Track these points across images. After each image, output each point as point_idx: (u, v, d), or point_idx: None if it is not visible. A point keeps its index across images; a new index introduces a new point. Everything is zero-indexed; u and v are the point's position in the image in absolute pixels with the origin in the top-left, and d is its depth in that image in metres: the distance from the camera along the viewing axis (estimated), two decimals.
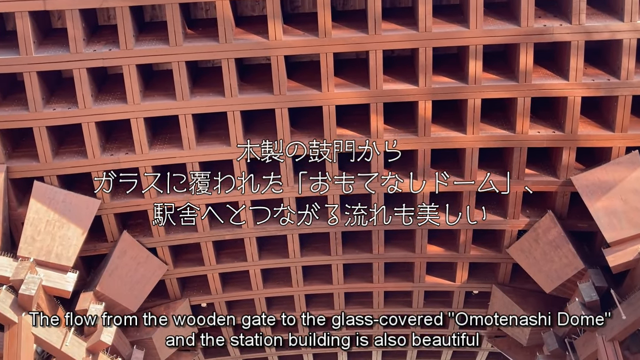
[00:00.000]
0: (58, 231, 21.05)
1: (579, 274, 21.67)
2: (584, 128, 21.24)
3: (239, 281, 25.47)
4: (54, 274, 20.73)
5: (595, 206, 20.93)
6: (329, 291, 25.94)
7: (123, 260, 22.70)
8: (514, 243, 23.17)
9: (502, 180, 22.09)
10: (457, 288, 25.33)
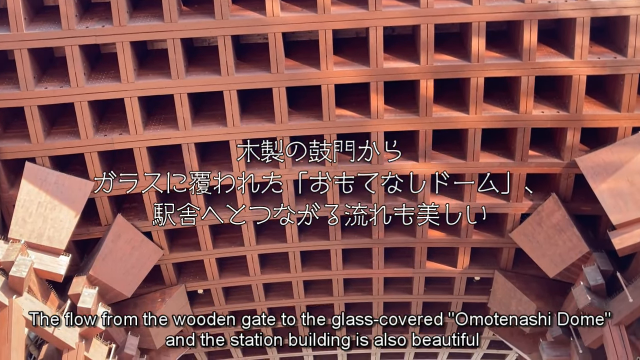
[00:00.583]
0: (50, 213, 20.54)
1: (583, 258, 21.19)
2: (589, 108, 20.73)
3: (236, 267, 24.97)
4: (46, 257, 20.23)
5: (600, 188, 20.43)
6: (328, 277, 25.43)
7: (117, 244, 22.19)
8: (517, 227, 22.67)
9: (505, 162, 21.65)
10: (459, 274, 24.84)
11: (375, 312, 27.18)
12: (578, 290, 20.58)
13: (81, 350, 20.41)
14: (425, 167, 21.79)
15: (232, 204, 22.68)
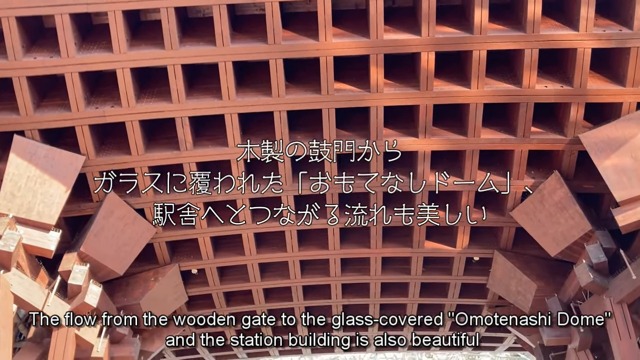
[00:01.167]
0: (40, 188, 19.96)
1: (585, 236, 20.82)
2: (593, 82, 20.27)
3: (231, 246, 24.46)
4: (36, 233, 19.67)
5: (604, 164, 20.03)
6: (325, 257, 24.98)
7: (109, 221, 21.64)
8: (518, 205, 22.25)
9: (507, 138, 21.21)
10: (458, 254, 24.44)
11: (373, 293, 26.80)
12: (580, 268, 20.22)
13: (72, 328, 19.87)
14: (425, 143, 21.31)
15: (228, 181, 22.26)
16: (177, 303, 25.39)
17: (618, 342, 19.10)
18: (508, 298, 24.61)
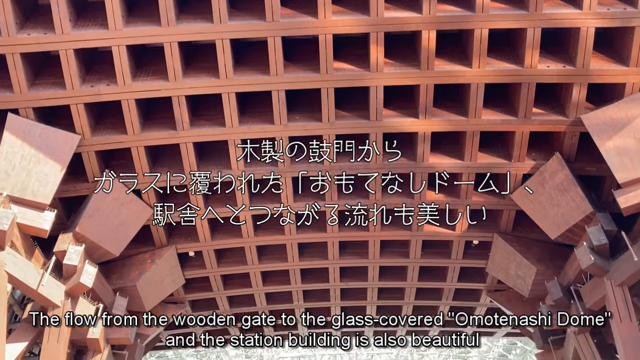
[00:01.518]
0: (34, 167, 19.67)
1: (586, 219, 20.61)
2: (596, 63, 19.99)
3: (228, 229, 24.18)
4: (30, 212, 19.42)
5: (606, 146, 19.80)
6: (323, 240, 24.74)
7: (105, 202, 21.35)
8: (519, 188, 22.01)
9: (508, 119, 20.94)
10: (457, 237, 24.22)
11: (371, 277, 26.62)
12: (581, 251, 20.02)
13: (67, 309, 19.70)
14: (426, 124, 21.03)
15: (225, 162, 22.02)
16: (174, 286, 25.19)
17: (618, 324, 18.95)
18: (507, 282, 24.44)
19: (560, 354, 23.61)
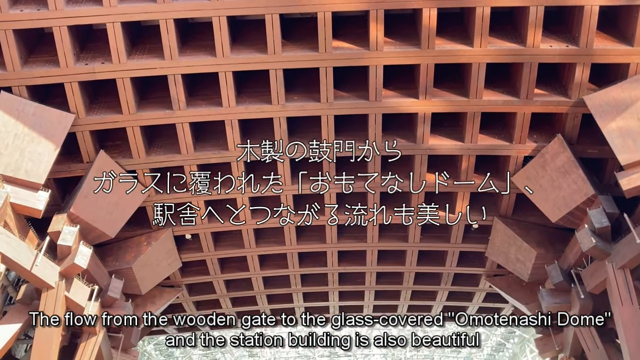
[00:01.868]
0: (28, 146, 19.36)
1: (588, 201, 20.33)
2: (599, 42, 19.60)
3: (225, 212, 23.85)
4: (24, 192, 19.14)
5: (608, 127, 19.47)
6: (321, 223, 24.42)
7: (100, 182, 21.04)
8: (519, 170, 21.72)
9: (509, 100, 20.60)
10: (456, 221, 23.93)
11: (369, 261, 26.38)
12: (582, 233, 19.75)
13: (61, 290, 19.45)
14: (426, 104, 20.70)
15: (222, 144, 21.73)
16: (170, 269, 24.95)
17: (620, 307, 18.73)
18: (507, 266, 24.21)
19: (560, 338, 23.42)
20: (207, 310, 29.17)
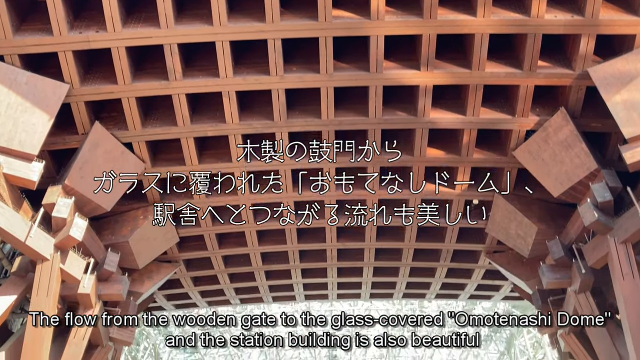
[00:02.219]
0: (21, 116, 18.99)
1: (591, 175, 20.05)
2: (605, 13, 19.15)
3: (224, 185, 23.57)
4: (17, 163, 18.82)
5: (613, 100, 19.13)
6: (321, 199, 24.14)
7: (95, 154, 20.74)
8: (521, 144, 21.41)
9: (512, 72, 20.22)
10: (457, 196, 23.67)
11: (368, 237, 26.16)
12: (584, 207, 19.50)
13: (56, 262, 19.21)
14: (427, 76, 20.30)
15: (220, 116, 21.37)
16: (167, 244, 24.70)
17: (621, 282, 18.54)
18: (507, 242, 24.00)
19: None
20: (205, 286, 29.10)
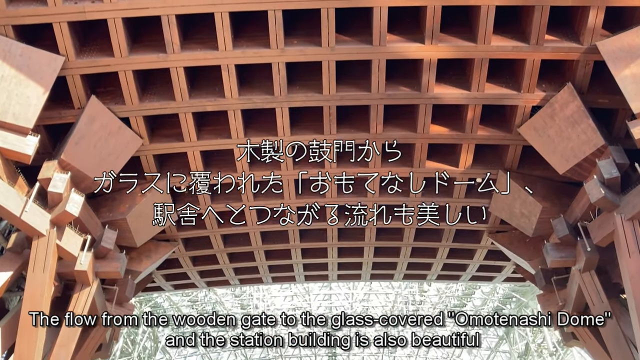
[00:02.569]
0: (15, 88, 18.54)
1: (597, 152, 19.66)
2: None
3: (222, 161, 23.20)
4: (12, 136, 18.42)
5: (622, 74, 18.69)
6: (322, 177, 23.71)
7: (91, 129, 20.32)
8: (527, 121, 20.98)
9: (519, 45, 19.73)
10: (460, 174, 23.27)
11: (369, 216, 25.72)
12: (591, 184, 19.12)
13: (52, 238, 18.87)
14: (432, 50, 19.81)
15: (219, 90, 20.91)
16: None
17: (627, 260, 18.22)
18: (511, 221, 23.65)
19: (563, 294, 23.01)
20: (204, 266, 28.79)
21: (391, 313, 55.60)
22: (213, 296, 53.17)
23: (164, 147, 22.29)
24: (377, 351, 57.82)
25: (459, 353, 59.50)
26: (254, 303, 55.98)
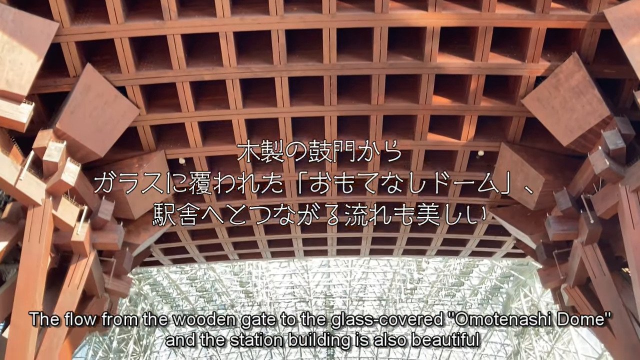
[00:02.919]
0: (7, 55, 18.11)
1: (602, 123, 19.34)
2: None
3: (221, 133, 22.85)
4: (5, 104, 18.05)
5: (630, 43, 18.30)
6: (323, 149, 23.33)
7: (87, 98, 19.93)
8: (531, 92, 20.61)
9: (524, 14, 19.29)
10: (462, 147, 22.95)
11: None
12: (596, 155, 18.84)
13: (48, 208, 18.58)
14: (435, 17, 19.37)
15: (217, 59, 20.47)
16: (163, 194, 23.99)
17: (631, 231, 18.00)
18: (513, 195, 23.36)
19: (564, 268, 22.83)
20: (202, 240, 28.56)
21: (389, 291, 55.65)
22: (212, 274, 53.18)
23: (161, 118, 21.91)
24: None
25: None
26: (252, 281, 56.04)
